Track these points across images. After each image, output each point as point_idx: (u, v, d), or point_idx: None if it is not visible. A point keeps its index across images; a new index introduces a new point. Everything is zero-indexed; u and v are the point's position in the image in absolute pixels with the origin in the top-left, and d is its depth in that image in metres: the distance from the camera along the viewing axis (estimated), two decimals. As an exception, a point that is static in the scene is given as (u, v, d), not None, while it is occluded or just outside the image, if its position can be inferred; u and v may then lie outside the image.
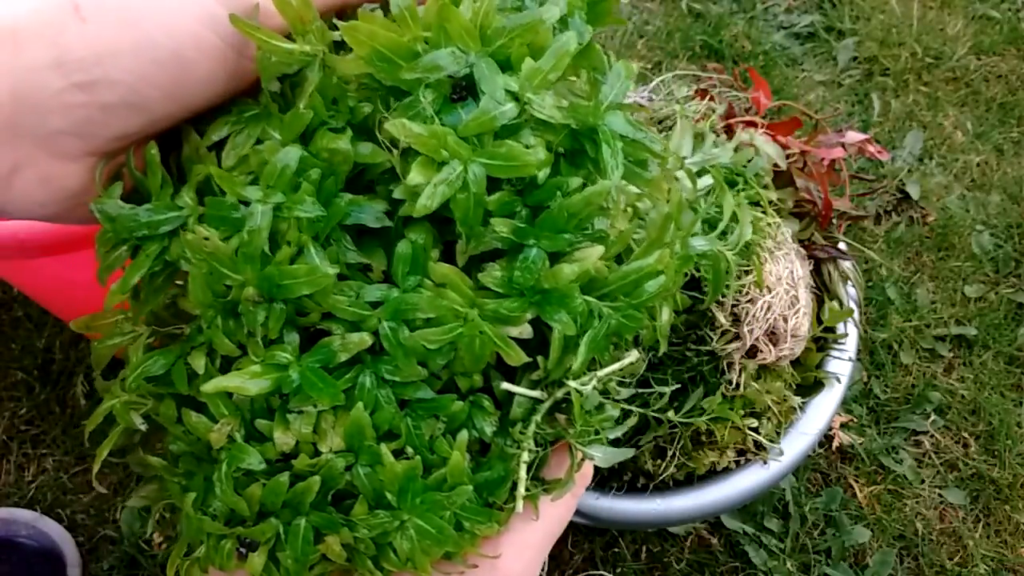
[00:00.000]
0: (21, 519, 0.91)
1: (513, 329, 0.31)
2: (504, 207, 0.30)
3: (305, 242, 0.29)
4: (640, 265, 0.32)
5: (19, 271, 0.81)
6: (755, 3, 1.41)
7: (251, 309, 0.30)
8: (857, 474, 1.01)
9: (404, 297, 0.31)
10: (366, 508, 0.32)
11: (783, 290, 0.66)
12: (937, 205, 1.21)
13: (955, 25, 1.40)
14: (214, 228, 0.29)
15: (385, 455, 0.31)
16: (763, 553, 0.94)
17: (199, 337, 0.32)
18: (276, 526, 0.32)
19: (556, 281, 0.30)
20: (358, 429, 0.31)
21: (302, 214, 0.29)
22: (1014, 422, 1.04)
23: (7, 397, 1.03)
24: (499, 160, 0.29)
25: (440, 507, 0.32)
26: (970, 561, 0.95)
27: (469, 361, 0.32)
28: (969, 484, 1.01)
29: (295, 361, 0.31)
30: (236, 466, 0.32)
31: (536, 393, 0.34)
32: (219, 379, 0.30)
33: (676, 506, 0.68)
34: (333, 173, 0.30)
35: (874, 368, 1.08)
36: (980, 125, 1.29)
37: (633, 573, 0.94)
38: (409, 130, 0.28)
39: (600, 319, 0.32)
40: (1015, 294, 1.14)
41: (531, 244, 0.30)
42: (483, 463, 0.34)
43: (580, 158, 0.31)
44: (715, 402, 0.65)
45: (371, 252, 0.31)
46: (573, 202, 0.30)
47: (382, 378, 0.32)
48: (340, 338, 0.31)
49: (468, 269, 0.31)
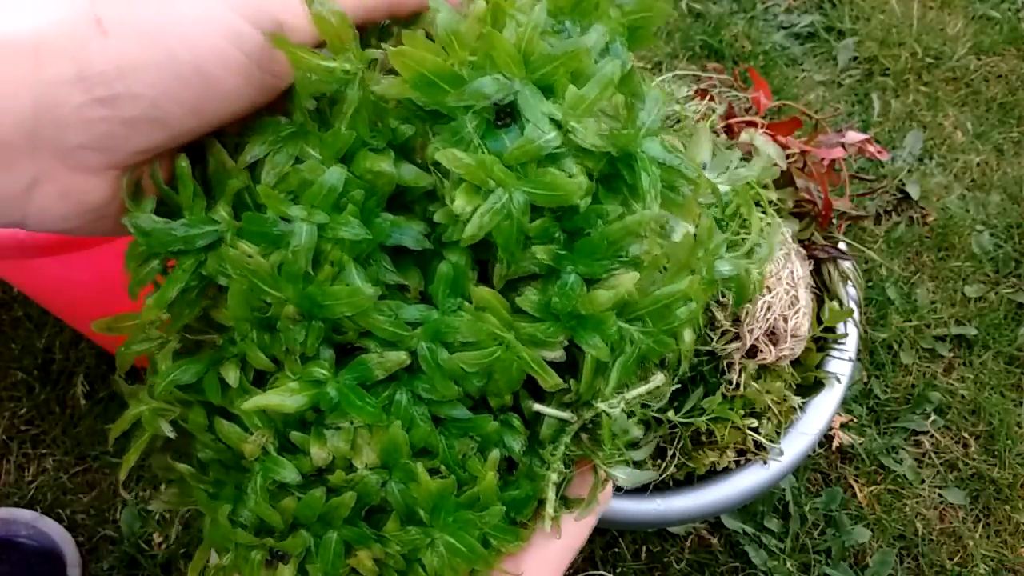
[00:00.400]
0: (21, 519, 0.91)
1: (549, 353, 0.32)
2: (543, 232, 0.30)
3: (346, 262, 0.30)
4: (671, 291, 0.33)
5: (19, 271, 0.81)
6: (755, 3, 1.41)
7: (290, 327, 0.30)
8: (857, 474, 1.01)
9: (444, 320, 0.31)
10: (398, 524, 0.32)
11: (783, 290, 0.66)
12: (937, 205, 1.21)
13: (955, 25, 1.40)
14: (254, 244, 0.29)
15: (421, 474, 0.32)
16: (763, 553, 0.94)
17: (231, 349, 0.32)
18: (307, 539, 0.32)
19: (592, 307, 0.31)
20: (395, 446, 0.32)
21: (346, 235, 0.29)
22: (1014, 422, 1.04)
23: (7, 397, 1.03)
24: (543, 189, 0.29)
25: (472, 526, 0.33)
26: (970, 561, 0.95)
27: (504, 383, 0.32)
28: (969, 484, 1.01)
29: (332, 378, 0.31)
30: (271, 479, 0.32)
31: (566, 414, 0.35)
32: (258, 397, 0.31)
33: (676, 506, 0.68)
34: (375, 194, 0.30)
35: (874, 368, 1.08)
36: (980, 125, 1.29)
37: (633, 573, 0.94)
38: (459, 160, 0.28)
39: (631, 344, 0.33)
40: (1015, 294, 1.14)
41: (569, 270, 0.31)
42: (510, 481, 0.35)
43: (615, 182, 0.32)
44: (715, 402, 0.65)
45: (407, 271, 0.32)
46: (613, 230, 0.30)
47: (418, 396, 0.32)
48: (378, 356, 0.31)
49: (503, 290, 0.32)
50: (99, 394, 1.03)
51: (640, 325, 0.33)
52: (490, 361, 0.31)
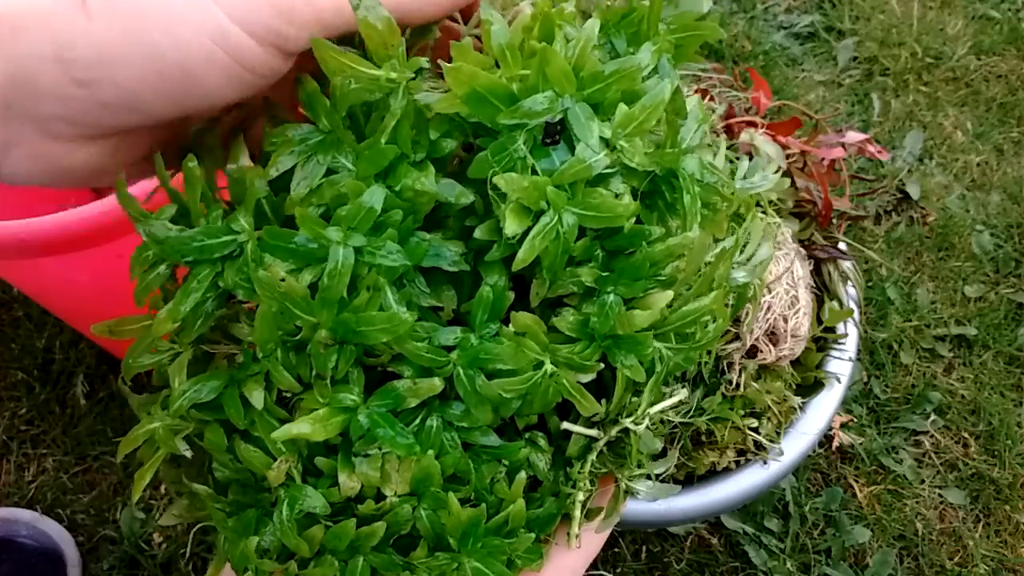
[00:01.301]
0: (21, 519, 0.91)
1: (584, 376, 0.31)
2: (586, 253, 0.30)
3: (382, 285, 0.29)
4: (699, 307, 0.32)
5: (20, 271, 0.81)
6: (755, 3, 1.41)
7: (321, 351, 0.29)
8: (857, 474, 1.01)
9: (484, 347, 0.30)
10: (426, 551, 0.32)
11: (783, 290, 0.66)
12: (937, 205, 1.21)
13: (955, 25, 1.40)
14: (281, 260, 0.28)
15: (452, 503, 0.31)
16: (763, 553, 0.94)
17: (254, 367, 0.31)
18: (334, 565, 0.32)
19: (630, 327, 0.30)
20: (427, 475, 0.31)
21: (386, 262, 0.28)
22: (1014, 422, 1.04)
23: (7, 397, 1.03)
24: (593, 211, 0.29)
25: (500, 552, 0.32)
26: (970, 561, 0.95)
27: (539, 407, 0.32)
28: (969, 484, 1.01)
29: (362, 404, 0.30)
30: (299, 509, 0.31)
31: (593, 432, 0.35)
32: (288, 427, 0.29)
33: (676, 506, 0.68)
34: (414, 212, 0.29)
35: (874, 368, 1.08)
36: (980, 125, 1.29)
37: (633, 573, 0.94)
38: (516, 183, 0.28)
39: (662, 362, 0.33)
40: (1015, 294, 1.14)
41: (609, 291, 0.30)
42: (534, 499, 0.34)
43: (653, 199, 0.31)
44: (715, 402, 0.65)
45: (440, 291, 0.31)
46: (656, 252, 0.30)
47: (449, 423, 0.31)
48: (411, 382, 0.30)
49: (540, 309, 0.31)
50: (99, 394, 1.03)
51: (667, 342, 0.33)
52: (529, 387, 0.31)
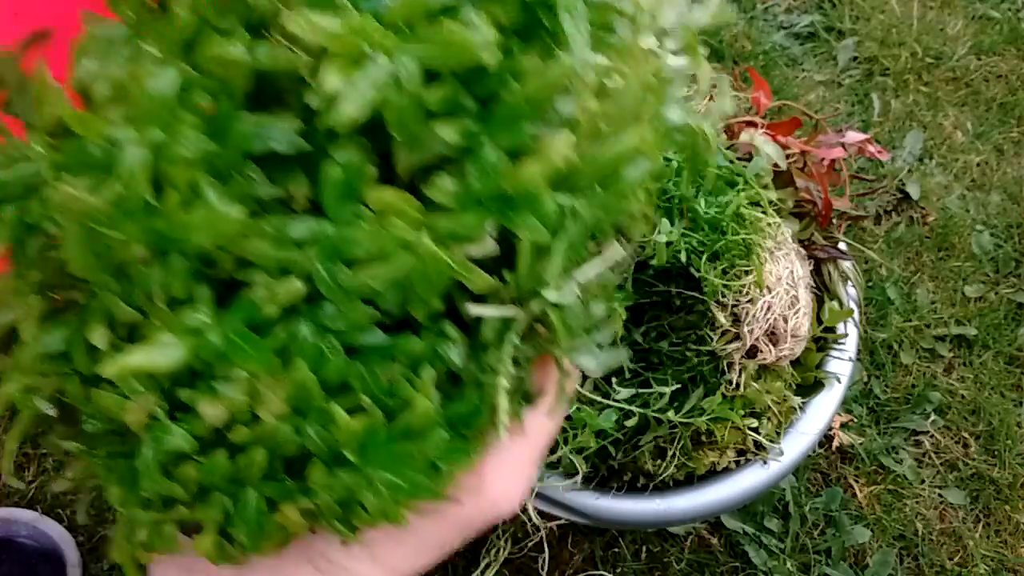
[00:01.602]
0: (21, 519, 0.91)
1: (475, 248, 0.27)
2: (448, 104, 0.25)
3: (199, 182, 0.24)
4: (619, 149, 0.27)
5: None
6: (755, 3, 1.41)
7: (142, 270, 0.25)
8: (857, 474, 1.01)
9: (340, 233, 0.25)
10: (324, 471, 0.28)
11: (783, 290, 0.66)
12: (937, 205, 1.21)
13: (955, 25, 1.40)
14: (80, 178, 0.24)
15: (339, 416, 0.27)
16: (763, 553, 0.94)
17: (94, 304, 0.26)
18: (222, 503, 0.28)
19: (520, 183, 0.25)
20: (303, 391, 0.27)
21: (183, 152, 0.23)
22: (1014, 422, 1.04)
23: (7, 397, 1.03)
24: (435, 47, 0.23)
25: (410, 457, 0.28)
26: (970, 561, 0.95)
27: (425, 293, 0.27)
28: (969, 484, 1.01)
29: (214, 323, 0.26)
30: (163, 450, 0.27)
31: (508, 311, 0.29)
32: (120, 358, 0.25)
33: (676, 506, 0.68)
34: (227, 91, 0.24)
35: (874, 368, 1.08)
36: (980, 125, 1.29)
37: (633, 573, 0.94)
38: (319, 27, 0.23)
39: (575, 218, 0.27)
40: (1015, 294, 1.14)
41: (486, 145, 0.25)
42: (455, 395, 0.30)
43: (534, 31, 0.26)
44: (715, 402, 0.65)
45: (288, 178, 0.26)
46: (532, 87, 0.25)
47: (323, 326, 0.27)
48: (265, 289, 0.26)
49: (412, 183, 0.26)
50: None
51: (583, 194, 0.27)
52: (402, 271, 0.26)
